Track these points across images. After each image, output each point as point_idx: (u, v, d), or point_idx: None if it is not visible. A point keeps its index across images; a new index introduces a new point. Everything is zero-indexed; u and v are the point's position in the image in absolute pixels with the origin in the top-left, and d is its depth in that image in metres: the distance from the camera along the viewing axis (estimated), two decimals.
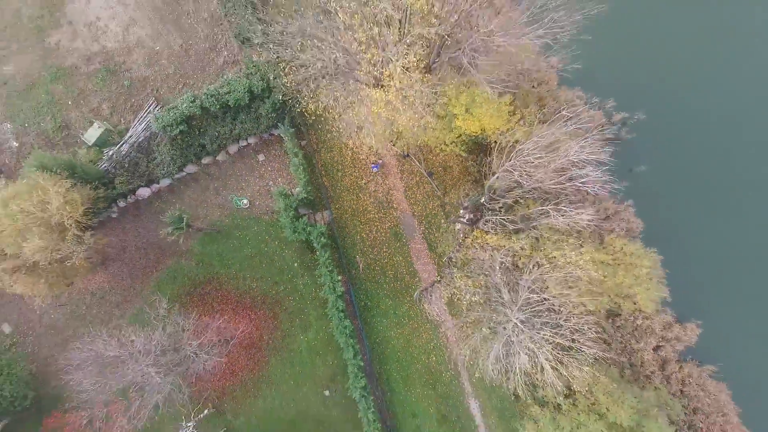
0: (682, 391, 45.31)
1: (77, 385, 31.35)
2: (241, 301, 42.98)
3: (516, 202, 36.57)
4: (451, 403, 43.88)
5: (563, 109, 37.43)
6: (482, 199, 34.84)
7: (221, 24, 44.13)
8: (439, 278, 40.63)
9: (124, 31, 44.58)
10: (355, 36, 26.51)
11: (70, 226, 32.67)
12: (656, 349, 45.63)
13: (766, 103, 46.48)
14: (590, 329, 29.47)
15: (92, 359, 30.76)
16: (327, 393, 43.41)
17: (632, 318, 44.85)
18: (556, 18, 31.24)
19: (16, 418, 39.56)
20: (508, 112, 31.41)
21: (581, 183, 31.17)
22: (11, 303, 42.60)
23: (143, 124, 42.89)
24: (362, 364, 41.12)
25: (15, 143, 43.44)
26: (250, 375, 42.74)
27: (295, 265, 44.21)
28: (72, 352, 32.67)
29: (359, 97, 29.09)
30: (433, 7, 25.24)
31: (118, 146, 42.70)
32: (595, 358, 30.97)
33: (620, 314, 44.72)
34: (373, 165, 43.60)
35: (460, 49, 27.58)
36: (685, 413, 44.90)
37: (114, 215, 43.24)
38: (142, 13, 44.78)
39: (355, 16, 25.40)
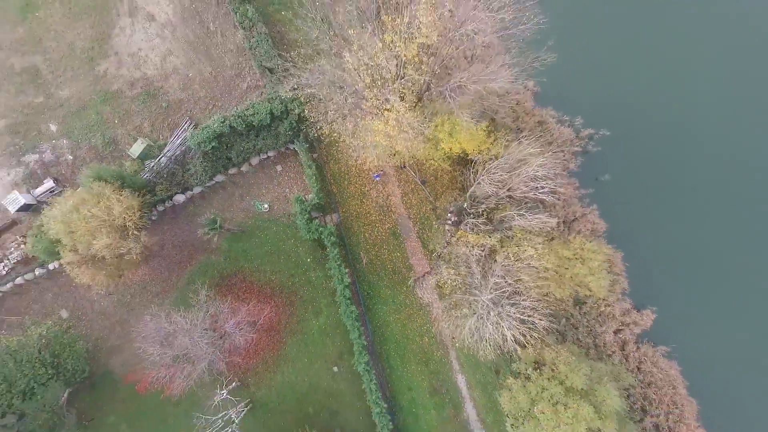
0: (638, 367, 52.89)
1: (145, 351, 39.23)
2: (263, 290, 50.51)
3: (495, 207, 44.17)
4: (441, 378, 51.42)
5: (533, 132, 45.07)
6: (464, 205, 42.43)
7: (245, 54, 51.64)
8: (430, 270, 48.22)
9: (162, 60, 52.12)
10: (362, 78, 33.93)
11: (130, 227, 40.25)
12: (617, 332, 53.22)
13: (708, 123, 54.05)
14: (542, 307, 36.97)
15: (154, 333, 38.28)
16: (335, 369, 50.96)
17: (596, 305, 52.47)
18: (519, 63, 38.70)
19: (75, 388, 47.11)
20: (485, 134, 38.91)
21: (540, 192, 38.58)
22: (68, 293, 50.14)
23: (179, 140, 50.43)
24: (365, 343, 48.75)
25: (70, 156, 50.98)
26: (270, 354, 50.28)
27: (308, 260, 51.75)
28: (141, 327, 40.34)
29: (363, 125, 36.52)
30: (421, 61, 32.61)
31: (158, 159, 50.23)
32: (545, 329, 38.46)
33: (586, 302, 52.32)
34: (374, 175, 51.15)
35: (443, 87, 35.08)
36: (641, 386, 52.55)
37: (154, 218, 50.72)
38: (177, 44, 52.32)
39: (362, 66, 32.82)
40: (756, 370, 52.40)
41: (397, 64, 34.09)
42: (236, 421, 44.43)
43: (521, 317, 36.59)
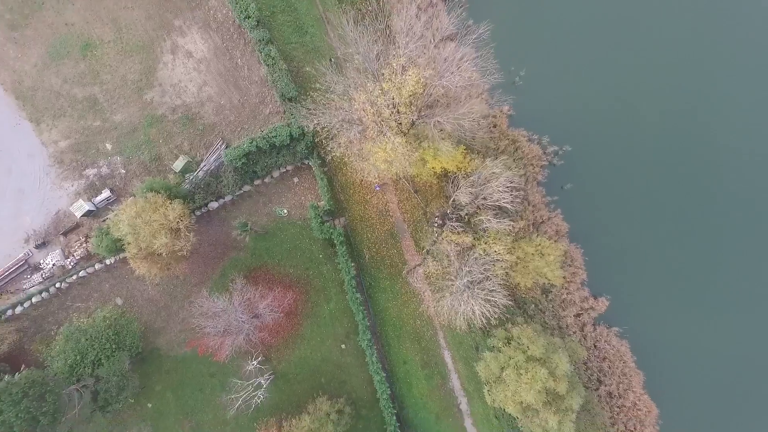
0: (595, 345, 63.55)
1: (201, 324, 50.24)
2: (283, 281, 60.99)
3: (473, 212, 54.70)
4: (431, 354, 61.98)
5: (506, 150, 55.70)
6: (447, 211, 52.95)
7: (267, 86, 62.11)
8: (420, 263, 58.83)
9: (198, 90, 62.63)
10: (366, 114, 44.32)
11: (182, 229, 50.74)
12: (577, 315, 63.86)
13: (650, 140, 64.65)
14: (503, 290, 47.71)
15: (208, 310, 48.73)
16: (343, 346, 61.51)
17: (560, 293, 63.07)
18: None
19: (132, 362, 57.61)
20: (462, 156, 49.39)
21: (504, 202, 49.09)
22: (122, 283, 60.59)
23: (213, 157, 60.90)
24: (368, 324, 59.33)
25: (123, 170, 61.48)
26: (290, 333, 60.79)
27: (320, 256, 62.27)
28: (198, 306, 51.20)
29: (367, 149, 46.97)
30: (411, 103, 42.98)
31: (196, 172, 60.68)
32: (505, 306, 49.07)
33: (551, 291, 62.91)
34: (375, 186, 61.68)
35: (428, 121, 45.57)
36: (597, 360, 63.15)
37: (193, 221, 61.13)
38: (211, 77, 62.82)
39: (367, 106, 43.26)
40: (692, 346, 63.05)
41: (392, 105, 44.53)
42: (264, 386, 54.98)
43: (486, 297, 47.12)
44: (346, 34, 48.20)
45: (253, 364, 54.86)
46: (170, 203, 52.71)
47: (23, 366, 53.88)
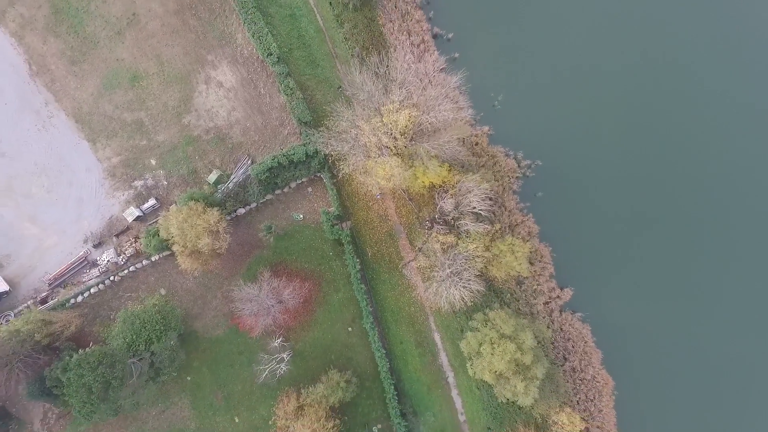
0: (561, 328, 75.48)
1: (239, 306, 62.46)
2: (300, 274, 72.86)
3: (457, 217, 66.64)
4: (423, 335, 73.97)
5: (486, 165, 67.82)
6: (435, 216, 64.99)
7: (286, 111, 74.04)
8: (414, 258, 70.85)
9: (228, 114, 74.57)
10: (370, 140, 56.30)
11: (221, 231, 62.67)
12: (546, 303, 75.77)
13: (607, 156, 76.63)
14: (476, 280, 59.89)
15: (245, 295, 60.67)
16: (350, 329, 73.45)
17: (531, 285, 75.04)
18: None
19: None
20: (447, 171, 61.40)
21: (480, 209, 61.07)
22: (165, 277, 72.44)
23: (241, 170, 72.83)
24: (370, 310, 71.28)
25: (165, 182, 73.40)
26: (305, 318, 72.69)
27: (331, 253, 74.20)
28: (235, 292, 63.37)
29: (370, 166, 58.97)
30: (405, 132, 54.85)
31: (226, 184, 72.60)
32: (479, 291, 61.22)
33: (524, 283, 74.89)
34: (377, 195, 73.65)
35: (420, 144, 57.58)
36: (563, 341, 75.09)
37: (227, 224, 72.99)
38: (238, 103, 74.78)
39: (370, 135, 55.29)
40: (642, 329, 75.09)
41: (390, 134, 56.50)
42: (286, 360, 67.01)
43: (464, 285, 59.12)
44: (354, 78, 60.26)
45: (277, 342, 66.95)
46: (209, 210, 64.65)
47: (91, 343, 65.88)
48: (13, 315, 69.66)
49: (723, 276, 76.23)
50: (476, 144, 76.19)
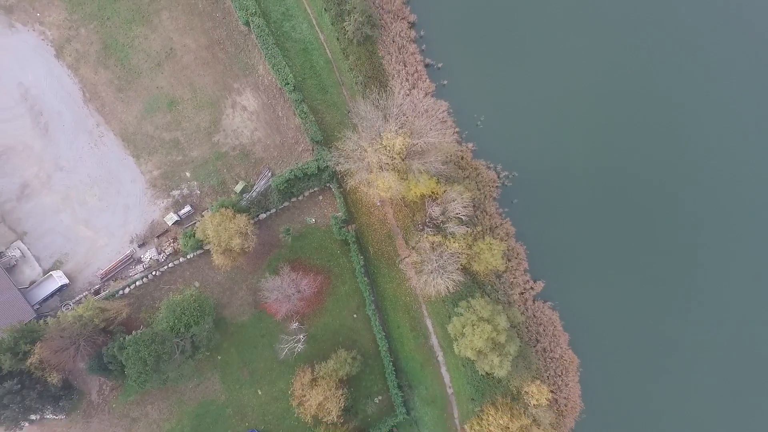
0: (534, 315, 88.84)
1: (266, 294, 76.00)
2: (313, 269, 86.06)
3: (444, 221, 79.98)
4: (417, 320, 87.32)
5: (470, 176, 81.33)
6: (426, 220, 78.41)
7: (301, 131, 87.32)
8: (408, 255, 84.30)
9: (251, 134, 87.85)
10: (372, 158, 69.72)
11: (249, 233, 75.92)
12: (521, 293, 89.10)
13: (574, 169, 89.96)
14: (458, 273, 73.53)
15: (271, 285, 74.18)
16: (355, 315, 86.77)
17: (509, 278, 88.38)
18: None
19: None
20: (435, 183, 74.80)
21: (461, 215, 74.45)
22: (198, 272, 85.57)
23: (263, 182, 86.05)
24: (372, 299, 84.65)
25: (198, 191, 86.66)
26: (317, 306, 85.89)
27: (338, 252, 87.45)
28: (262, 283, 76.82)
29: (372, 179, 72.37)
30: (401, 153, 68.19)
31: (250, 193, 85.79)
32: (460, 281, 74.73)
33: (502, 276, 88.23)
34: (377, 202, 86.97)
35: (412, 162, 70.99)
36: (535, 325, 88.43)
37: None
38: (260, 124, 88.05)
39: (372, 156, 68.61)
40: (604, 315, 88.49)
41: (389, 154, 69.92)
42: (302, 340, 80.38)
43: (448, 276, 72.61)
44: (359, 110, 73.79)
45: (295, 325, 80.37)
46: (238, 215, 77.93)
47: (141, 326, 79.19)
48: (72, 304, 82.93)
49: (668, 269, 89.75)
50: (462, 158, 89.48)
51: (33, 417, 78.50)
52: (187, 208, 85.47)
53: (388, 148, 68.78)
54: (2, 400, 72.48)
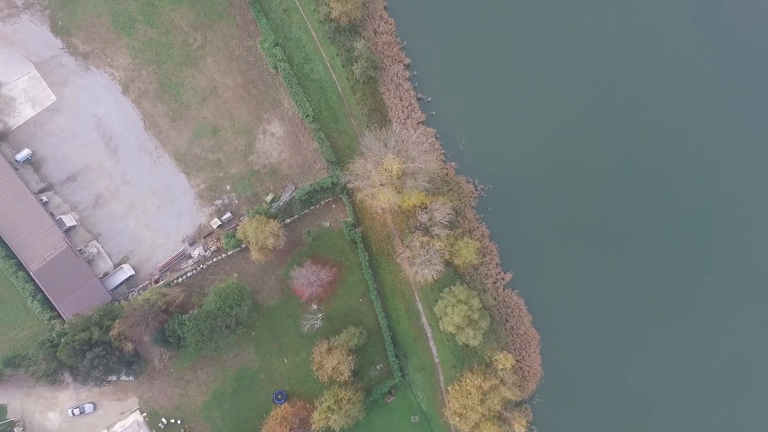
0: (504, 300, 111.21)
1: (295, 281, 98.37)
2: (327, 263, 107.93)
3: (430, 225, 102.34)
4: (410, 304, 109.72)
5: (452, 189, 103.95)
6: (417, 224, 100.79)
7: (318, 153, 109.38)
8: (404, 250, 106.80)
9: (278, 155, 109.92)
10: (376, 178, 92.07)
11: (280, 233, 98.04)
12: (494, 283, 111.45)
13: (541, 178, 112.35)
14: (440, 265, 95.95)
15: (299, 274, 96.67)
16: (361, 300, 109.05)
17: (484, 270, 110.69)
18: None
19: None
20: (424, 196, 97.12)
21: (443, 220, 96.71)
22: (236, 265, 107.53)
23: (288, 193, 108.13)
24: (375, 287, 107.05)
25: (237, 201, 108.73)
26: (331, 292, 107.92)
27: (348, 249, 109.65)
28: (293, 272, 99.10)
29: (375, 192, 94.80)
30: (397, 173, 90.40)
31: (278, 202, 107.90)
32: (442, 271, 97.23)
33: (479, 268, 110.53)
34: (379, 210, 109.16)
35: (406, 180, 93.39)
36: (505, 308, 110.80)
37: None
38: (285, 147, 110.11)
39: (375, 176, 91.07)
40: (560, 300, 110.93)
41: (388, 174, 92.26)
42: (320, 318, 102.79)
43: (432, 267, 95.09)
44: (366, 142, 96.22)
45: (314, 307, 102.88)
46: (271, 221, 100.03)
47: (195, 308, 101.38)
48: (136, 290, 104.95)
49: (612, 264, 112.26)
50: (446, 174, 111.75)
51: (112, 378, 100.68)
52: (228, 215, 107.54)
53: (387, 170, 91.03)
54: (92, 362, 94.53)
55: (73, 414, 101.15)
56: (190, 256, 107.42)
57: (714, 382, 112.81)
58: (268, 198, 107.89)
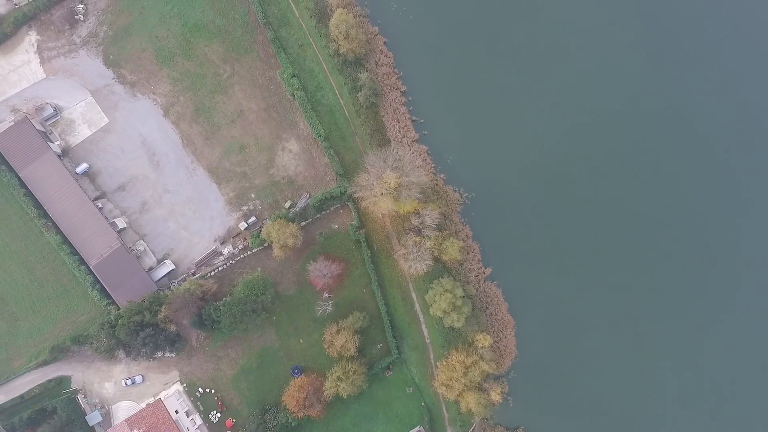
0: (485, 290, 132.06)
1: (310, 274, 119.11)
2: (336, 259, 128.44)
3: (422, 228, 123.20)
4: (405, 293, 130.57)
5: (441, 197, 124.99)
6: (411, 226, 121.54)
7: (329, 167, 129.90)
8: (400, 248, 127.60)
9: (295, 168, 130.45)
10: (378, 189, 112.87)
11: (298, 233, 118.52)
12: (476, 276, 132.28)
13: (516, 186, 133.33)
14: (429, 260, 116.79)
15: (314, 268, 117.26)
16: (364, 290, 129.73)
17: (467, 265, 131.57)
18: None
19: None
20: (417, 203, 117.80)
21: (432, 224, 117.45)
22: (260, 261, 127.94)
23: (303, 200, 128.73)
24: (376, 279, 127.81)
25: (260, 207, 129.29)
26: (340, 284, 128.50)
27: (353, 248, 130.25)
28: (310, 266, 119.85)
29: (377, 200, 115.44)
30: (394, 185, 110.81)
31: (295, 208, 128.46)
32: (431, 265, 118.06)
33: (463, 264, 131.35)
34: (380, 214, 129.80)
35: (401, 191, 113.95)
36: (485, 297, 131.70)
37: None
38: (300, 161, 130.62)
39: (377, 188, 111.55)
40: (533, 290, 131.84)
41: (387, 186, 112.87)
42: (330, 305, 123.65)
43: (423, 262, 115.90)
44: (369, 159, 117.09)
45: (326, 295, 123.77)
46: (290, 224, 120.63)
47: (227, 296, 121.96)
48: (177, 282, 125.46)
49: (579, 261, 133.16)
50: (436, 185, 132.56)
51: (158, 354, 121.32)
52: (253, 219, 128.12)
53: (386, 183, 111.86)
54: (144, 340, 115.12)
55: (126, 384, 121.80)
56: (221, 253, 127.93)
57: (665, 355, 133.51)
58: (287, 204, 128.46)
